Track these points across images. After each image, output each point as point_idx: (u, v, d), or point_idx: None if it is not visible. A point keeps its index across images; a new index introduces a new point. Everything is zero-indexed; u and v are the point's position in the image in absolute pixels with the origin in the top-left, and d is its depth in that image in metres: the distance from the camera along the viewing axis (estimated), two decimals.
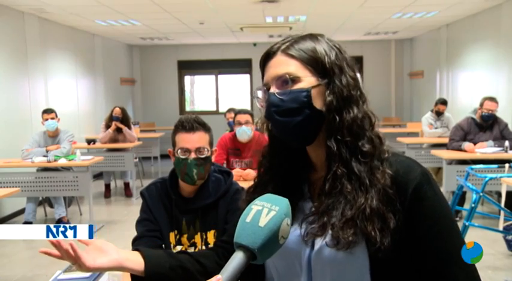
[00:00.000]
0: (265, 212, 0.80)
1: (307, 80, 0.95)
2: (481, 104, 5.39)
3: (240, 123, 4.00)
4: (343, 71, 0.96)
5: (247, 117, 4.02)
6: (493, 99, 5.37)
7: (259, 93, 1.03)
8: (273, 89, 0.97)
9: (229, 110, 5.83)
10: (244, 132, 4.00)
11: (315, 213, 0.96)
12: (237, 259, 0.78)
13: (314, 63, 0.95)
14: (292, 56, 0.96)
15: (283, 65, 0.96)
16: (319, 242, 0.93)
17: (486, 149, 5.17)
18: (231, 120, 5.58)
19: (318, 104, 0.95)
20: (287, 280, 1.01)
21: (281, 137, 1.00)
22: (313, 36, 0.99)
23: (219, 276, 0.75)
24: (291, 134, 0.97)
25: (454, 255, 0.89)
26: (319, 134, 0.97)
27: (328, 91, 0.94)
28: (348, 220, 0.89)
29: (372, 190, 0.90)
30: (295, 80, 0.95)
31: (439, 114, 6.84)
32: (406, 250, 0.90)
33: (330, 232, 0.91)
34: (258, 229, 0.79)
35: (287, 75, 0.95)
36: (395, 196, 0.90)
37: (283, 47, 0.98)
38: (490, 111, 5.30)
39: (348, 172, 0.92)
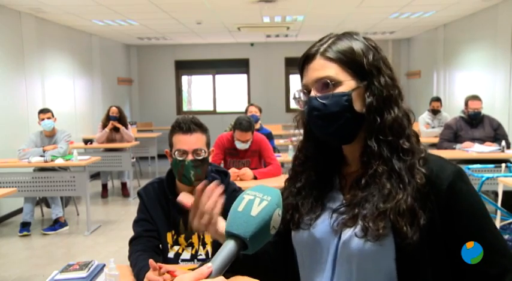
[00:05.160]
0: (257, 201, 0.80)
1: (347, 84, 0.96)
2: (466, 104, 5.53)
3: (240, 140, 4.03)
4: (381, 72, 0.98)
5: (249, 136, 4.04)
6: (475, 97, 5.49)
7: (299, 95, 1.03)
8: (314, 93, 0.98)
9: (250, 105, 5.74)
10: (243, 147, 4.09)
11: (347, 204, 0.98)
12: (228, 247, 0.77)
13: (353, 65, 0.97)
14: (331, 59, 0.97)
15: (323, 68, 0.97)
16: (347, 233, 0.96)
17: (483, 148, 5.18)
18: (253, 113, 5.43)
19: (358, 106, 0.97)
20: (312, 270, 1.03)
21: (321, 138, 1.03)
22: (350, 36, 1.00)
23: (209, 264, 0.74)
24: (332, 135, 1.00)
25: (496, 246, 0.94)
26: (359, 134, 0.99)
27: (367, 93, 0.96)
28: (380, 213, 0.91)
29: (408, 188, 0.92)
30: (335, 84, 0.96)
31: (435, 112, 6.88)
32: (437, 245, 0.93)
33: (360, 223, 0.93)
34: (250, 218, 0.78)
35: (328, 80, 0.96)
36: (428, 194, 0.93)
37: (321, 49, 0.99)
38: (476, 110, 5.40)
39: (389, 169, 0.95)
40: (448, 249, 0.94)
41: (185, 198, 1.89)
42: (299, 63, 1.03)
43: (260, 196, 0.81)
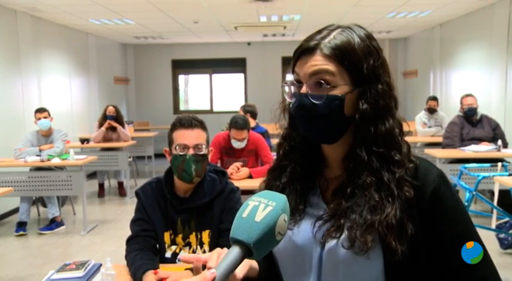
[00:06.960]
0: (262, 207, 0.80)
1: (342, 87, 0.92)
2: (461, 102, 5.71)
3: (236, 138, 4.03)
4: (379, 78, 0.93)
5: (245, 134, 4.04)
6: (469, 95, 5.70)
7: (290, 86, 0.99)
8: (306, 89, 0.93)
9: (242, 107, 5.65)
10: (240, 145, 4.09)
11: (331, 214, 0.95)
12: (232, 254, 0.77)
13: (352, 68, 0.92)
14: (330, 58, 0.92)
15: (320, 66, 0.92)
16: (332, 242, 0.93)
17: (479, 147, 5.21)
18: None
19: (347, 110, 0.93)
20: (295, 278, 1.00)
21: (305, 135, 0.99)
22: (352, 32, 0.95)
23: (213, 270, 0.73)
24: (316, 135, 0.96)
25: None
26: (343, 136, 0.96)
27: (362, 99, 0.92)
28: (368, 226, 0.89)
29: (397, 201, 0.90)
30: (330, 85, 0.92)
31: (431, 111, 6.91)
32: (422, 252, 0.91)
33: (346, 232, 0.91)
34: (254, 224, 0.78)
35: (323, 80, 0.92)
36: (414, 202, 0.91)
37: (321, 45, 0.93)
38: (470, 106, 5.56)
39: (377, 181, 0.91)
40: (430, 253, 0.92)
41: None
42: (295, 53, 0.97)
43: (265, 202, 0.81)
